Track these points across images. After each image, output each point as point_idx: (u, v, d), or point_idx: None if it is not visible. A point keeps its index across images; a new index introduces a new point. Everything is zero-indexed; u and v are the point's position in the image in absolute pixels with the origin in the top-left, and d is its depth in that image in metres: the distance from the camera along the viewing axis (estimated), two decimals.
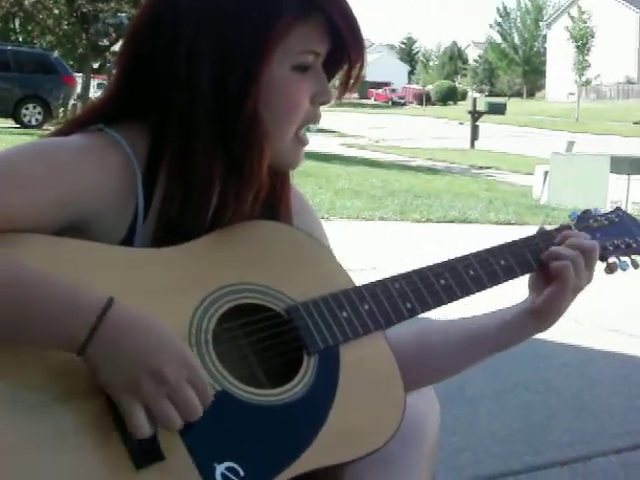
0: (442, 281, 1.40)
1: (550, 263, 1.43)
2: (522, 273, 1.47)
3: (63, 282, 1.12)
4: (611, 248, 1.56)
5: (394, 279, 1.38)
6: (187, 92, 1.26)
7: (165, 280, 1.25)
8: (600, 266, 1.55)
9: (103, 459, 1.11)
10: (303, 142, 1.36)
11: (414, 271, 1.40)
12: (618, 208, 1.64)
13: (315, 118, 1.36)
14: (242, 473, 1.15)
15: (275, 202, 1.41)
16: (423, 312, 1.39)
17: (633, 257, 1.58)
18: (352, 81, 1.36)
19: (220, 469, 1.14)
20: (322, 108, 1.38)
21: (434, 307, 1.39)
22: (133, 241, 1.27)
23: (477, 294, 1.44)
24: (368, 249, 6.96)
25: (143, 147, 1.29)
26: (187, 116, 1.26)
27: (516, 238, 1.50)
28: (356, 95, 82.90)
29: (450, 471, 2.80)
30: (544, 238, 1.49)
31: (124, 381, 1.10)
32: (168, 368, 1.10)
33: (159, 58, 1.27)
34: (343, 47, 1.32)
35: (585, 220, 1.58)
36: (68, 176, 1.22)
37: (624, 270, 1.56)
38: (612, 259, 1.56)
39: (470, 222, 9.42)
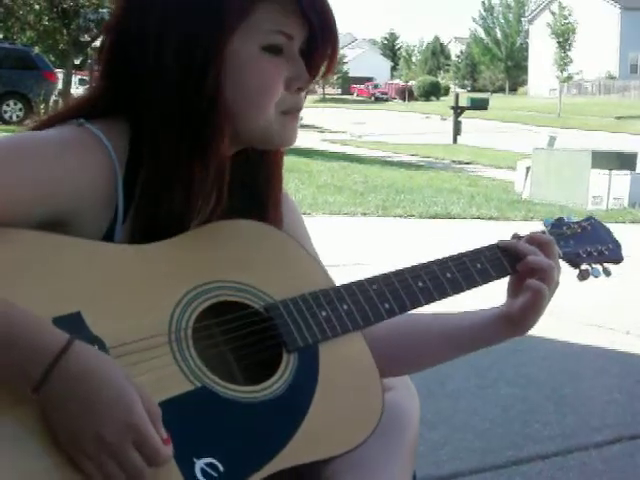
0: (420, 283, 1.42)
1: (527, 278, 1.44)
2: (498, 277, 1.49)
3: (24, 323, 1.09)
4: (584, 255, 1.61)
5: (372, 280, 1.40)
6: (155, 77, 1.25)
7: (147, 275, 1.24)
8: (573, 273, 1.61)
9: None
10: (293, 115, 1.33)
11: (392, 272, 1.42)
12: (590, 217, 1.69)
13: (296, 105, 1.34)
14: (221, 469, 1.16)
15: (265, 205, 1.41)
16: (401, 313, 1.41)
17: (605, 265, 1.63)
18: (324, 68, 1.34)
19: (200, 464, 1.15)
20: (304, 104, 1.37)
21: (411, 308, 1.42)
22: (112, 241, 1.26)
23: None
24: (350, 245, 6.96)
25: (124, 144, 1.27)
26: (157, 102, 1.25)
27: (496, 235, 1.52)
28: (338, 91, 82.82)
29: (430, 466, 2.80)
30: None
31: (70, 437, 1.07)
32: (109, 431, 1.07)
33: (132, 46, 1.27)
34: (316, 33, 1.31)
35: (559, 227, 1.63)
36: (52, 172, 1.20)
37: (596, 277, 1.62)
38: (585, 266, 1.61)
39: (452, 217, 9.45)
